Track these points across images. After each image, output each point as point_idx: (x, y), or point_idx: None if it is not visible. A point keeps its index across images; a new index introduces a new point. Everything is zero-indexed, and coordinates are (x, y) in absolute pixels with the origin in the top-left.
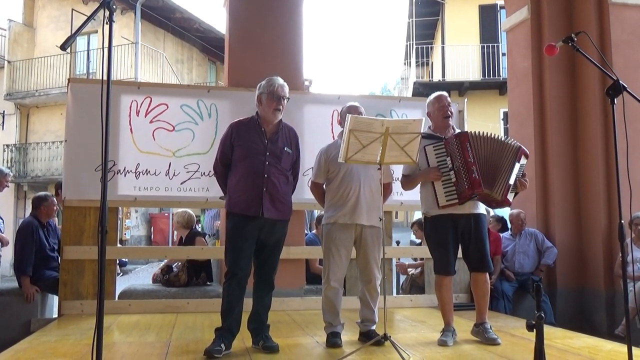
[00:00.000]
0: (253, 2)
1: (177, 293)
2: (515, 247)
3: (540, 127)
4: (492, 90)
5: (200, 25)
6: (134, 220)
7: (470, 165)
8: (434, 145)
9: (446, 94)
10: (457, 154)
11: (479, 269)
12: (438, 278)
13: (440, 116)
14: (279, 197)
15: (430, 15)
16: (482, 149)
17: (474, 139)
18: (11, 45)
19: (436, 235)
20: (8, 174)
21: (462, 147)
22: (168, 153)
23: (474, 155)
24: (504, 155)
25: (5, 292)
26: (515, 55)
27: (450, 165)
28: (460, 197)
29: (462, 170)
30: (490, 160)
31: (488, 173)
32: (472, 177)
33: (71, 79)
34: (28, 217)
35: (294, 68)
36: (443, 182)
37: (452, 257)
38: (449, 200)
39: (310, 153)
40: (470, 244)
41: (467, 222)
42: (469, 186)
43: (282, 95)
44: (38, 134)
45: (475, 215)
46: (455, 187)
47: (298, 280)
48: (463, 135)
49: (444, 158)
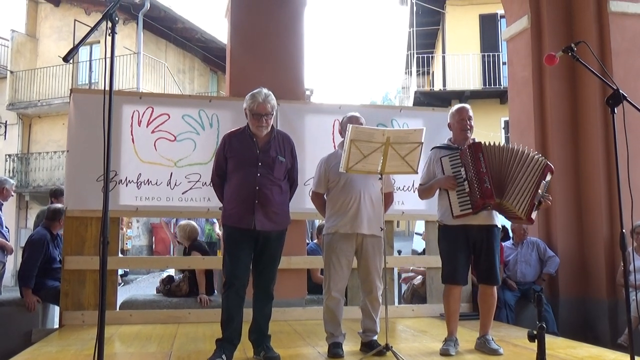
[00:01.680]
0: (255, 12)
1: (178, 303)
2: (517, 257)
3: (541, 136)
4: (492, 99)
5: (202, 36)
6: (136, 230)
7: (482, 175)
8: (450, 156)
9: (468, 107)
10: (470, 164)
11: (487, 281)
12: (447, 287)
13: (459, 129)
14: (272, 209)
15: (430, 25)
16: (494, 158)
17: (486, 150)
18: (14, 55)
19: (448, 245)
20: (12, 184)
21: (475, 157)
22: (169, 163)
23: (486, 164)
24: (516, 163)
25: (7, 302)
26: (516, 64)
27: (464, 175)
28: (474, 206)
29: (474, 180)
30: (502, 169)
31: (499, 182)
32: (483, 186)
33: (73, 89)
34: (40, 228)
35: (295, 78)
36: (457, 192)
37: (463, 267)
38: (462, 210)
39: (311, 163)
40: (481, 255)
41: (480, 234)
42: (481, 196)
43: (264, 113)
44: (40, 143)
45: (489, 227)
46: (469, 197)
47: (299, 290)
48: (476, 146)
49: (459, 169)
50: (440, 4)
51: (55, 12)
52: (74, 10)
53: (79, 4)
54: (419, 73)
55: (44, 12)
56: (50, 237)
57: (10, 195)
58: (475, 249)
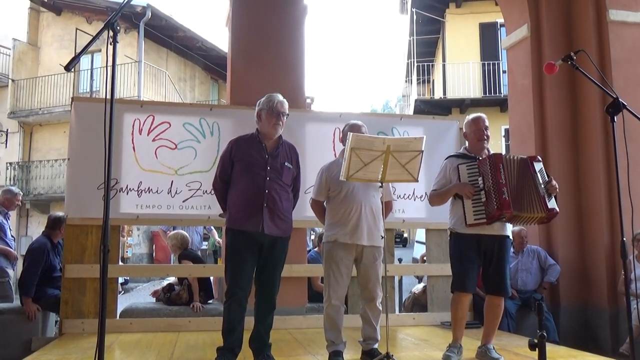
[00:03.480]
0: (255, 21)
1: (178, 312)
2: (518, 265)
3: (541, 144)
4: (493, 108)
5: (203, 44)
6: (136, 238)
7: (501, 186)
8: (467, 165)
9: (484, 116)
10: (489, 174)
11: (496, 292)
12: (456, 295)
13: (476, 139)
14: (278, 214)
15: (431, 34)
16: (514, 171)
17: (507, 161)
18: (15, 64)
19: (459, 253)
20: (18, 194)
21: (494, 168)
22: (170, 171)
23: (506, 176)
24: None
25: (7, 310)
26: (516, 73)
27: (481, 185)
28: (489, 217)
29: (492, 190)
30: (519, 183)
31: (517, 194)
32: (501, 198)
33: (74, 98)
34: (41, 237)
35: (296, 86)
36: (473, 201)
37: (472, 275)
38: (477, 219)
39: (312, 171)
40: (491, 266)
41: (491, 244)
42: (498, 207)
43: (282, 111)
44: (41, 152)
45: (501, 237)
46: (484, 207)
47: (300, 299)
48: (497, 157)
49: (476, 178)
50: (440, 12)
51: (57, 20)
52: (75, 19)
53: (81, 13)
54: (419, 81)
55: (45, 20)
56: (51, 246)
57: (16, 205)
58: (486, 259)
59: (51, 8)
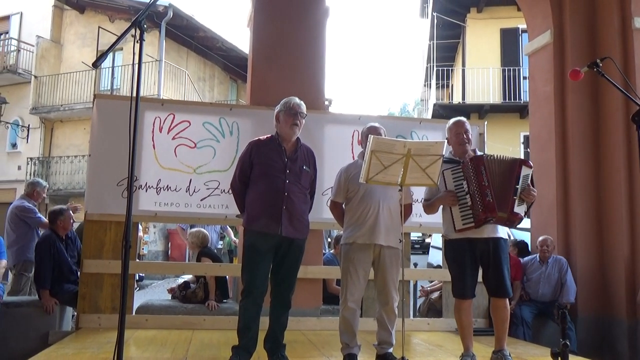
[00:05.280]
0: (277, 22)
1: (193, 309)
2: (541, 276)
3: (561, 151)
4: (512, 114)
5: (223, 45)
6: (152, 236)
7: (484, 188)
8: (452, 170)
9: (464, 120)
10: (472, 177)
11: (497, 294)
12: (457, 302)
13: (457, 143)
14: (297, 216)
15: (451, 38)
16: (496, 171)
17: (488, 162)
18: (38, 60)
19: (454, 259)
20: (46, 187)
21: (477, 171)
22: (189, 170)
23: (488, 178)
24: (509, 172)
25: (25, 303)
26: (537, 79)
27: (466, 189)
28: (476, 220)
29: (477, 193)
30: (502, 182)
31: (501, 195)
32: (485, 200)
33: (97, 95)
34: (46, 231)
35: (316, 88)
36: (460, 206)
37: (470, 280)
38: (465, 224)
39: (330, 172)
40: (489, 268)
41: (486, 247)
42: (482, 210)
43: (299, 112)
44: (61, 147)
45: (494, 239)
46: (471, 211)
47: (315, 300)
48: (478, 159)
49: (461, 182)
50: (461, 17)
51: (80, 19)
52: (98, 18)
53: (104, 12)
54: (438, 86)
55: (68, 18)
56: (58, 238)
57: (42, 197)
58: (483, 263)
59: (75, 6)
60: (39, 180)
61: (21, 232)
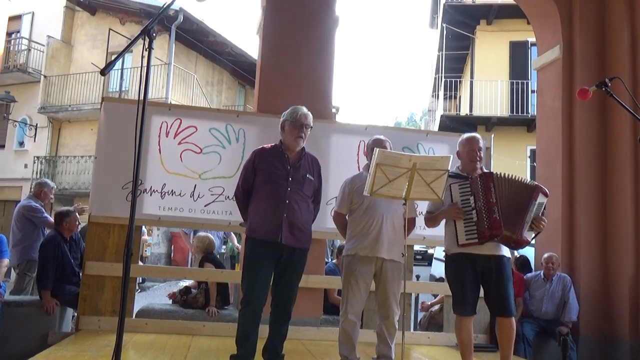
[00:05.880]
0: (287, 30)
1: (194, 315)
2: (545, 293)
3: (568, 167)
4: (519, 127)
5: (232, 50)
6: (155, 238)
7: (492, 205)
8: (459, 184)
9: (479, 137)
10: (480, 193)
11: (500, 313)
12: (457, 318)
13: (468, 159)
14: (298, 225)
15: (460, 49)
16: (506, 190)
17: (498, 180)
18: (48, 60)
19: (455, 274)
20: (53, 187)
21: (485, 187)
22: (194, 175)
23: (496, 196)
24: (523, 195)
25: (26, 303)
26: (545, 94)
27: (472, 204)
28: (480, 237)
29: (483, 210)
30: (512, 202)
31: (510, 215)
32: (492, 217)
33: (105, 98)
34: (51, 231)
35: (323, 97)
36: (465, 221)
37: (471, 297)
38: (468, 239)
39: (335, 182)
40: (491, 286)
41: (487, 264)
42: (488, 226)
43: (305, 124)
44: (68, 147)
45: (497, 257)
46: (476, 227)
47: (315, 310)
48: (487, 176)
49: (468, 197)
50: (470, 29)
51: (91, 20)
52: (109, 20)
53: (115, 14)
54: (445, 97)
55: (80, 19)
56: (63, 239)
57: (49, 198)
58: (485, 280)
59: (86, 7)
60: (46, 181)
61: (27, 231)
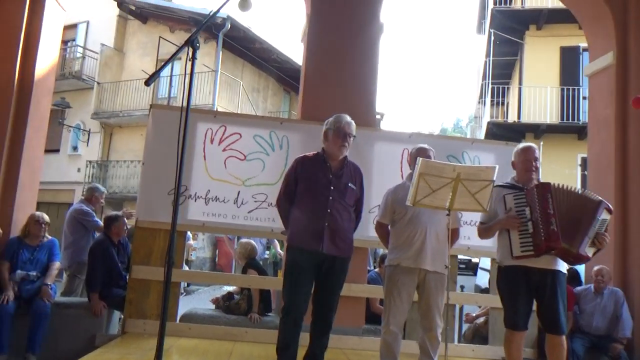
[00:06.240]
0: (331, 38)
1: (236, 321)
2: (595, 307)
3: (621, 177)
4: (570, 135)
5: (278, 56)
6: (200, 242)
7: (549, 217)
8: (514, 195)
9: (535, 147)
10: (536, 204)
11: (552, 331)
12: (508, 332)
13: (524, 169)
14: (339, 234)
15: (508, 55)
16: (564, 201)
17: (555, 191)
18: (102, 67)
19: (508, 287)
20: (104, 193)
21: (542, 198)
22: (238, 182)
23: (554, 207)
24: (585, 209)
25: (75, 305)
26: (598, 101)
27: (528, 215)
28: (536, 249)
29: (540, 221)
30: (571, 214)
31: (568, 227)
32: (549, 229)
33: (153, 105)
34: (100, 235)
35: (367, 105)
36: (520, 232)
37: (523, 311)
38: (524, 252)
39: (378, 190)
40: (544, 302)
41: (543, 278)
42: (545, 238)
43: (348, 133)
44: (119, 152)
45: (553, 271)
46: (532, 239)
47: (357, 319)
48: (544, 186)
49: (523, 208)
50: (519, 34)
51: (142, 28)
52: (159, 28)
53: (165, 22)
54: (493, 103)
55: (131, 28)
56: (111, 243)
57: (100, 203)
58: (538, 295)
59: (138, 16)
60: (98, 186)
61: (78, 234)
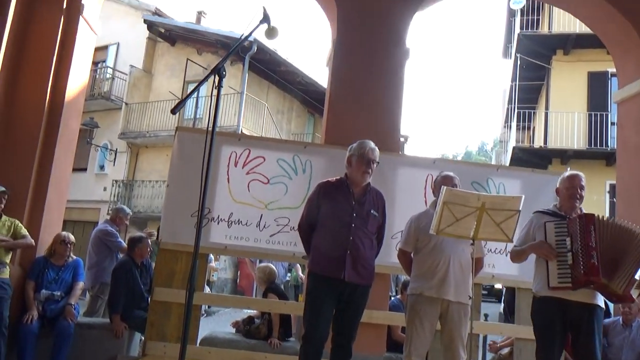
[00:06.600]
0: (356, 63)
1: (256, 345)
2: (625, 341)
3: None
4: (598, 161)
5: (303, 79)
6: (222, 263)
7: (590, 249)
8: (556, 223)
9: (582, 175)
10: (578, 235)
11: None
12: None
13: (568, 196)
14: (361, 262)
15: (534, 80)
16: (608, 234)
17: (599, 223)
18: (130, 89)
19: (543, 320)
20: (128, 214)
21: (585, 229)
22: (260, 205)
23: (596, 239)
24: (632, 246)
25: (97, 326)
26: (627, 128)
27: (569, 246)
28: (574, 282)
29: (580, 253)
30: (614, 249)
31: (610, 262)
32: (590, 262)
33: (178, 128)
34: (124, 256)
35: (391, 129)
36: (558, 263)
37: (558, 348)
38: (561, 283)
39: (401, 216)
40: (580, 337)
41: (580, 313)
42: (585, 272)
43: (372, 159)
44: (144, 172)
45: (591, 306)
46: (570, 270)
47: (378, 346)
48: (588, 217)
49: (564, 238)
50: (546, 59)
51: (170, 50)
52: (187, 50)
53: (193, 45)
54: (518, 128)
55: (160, 50)
56: (134, 265)
57: (124, 224)
58: (573, 328)
59: (167, 39)
60: (123, 207)
61: (102, 255)
